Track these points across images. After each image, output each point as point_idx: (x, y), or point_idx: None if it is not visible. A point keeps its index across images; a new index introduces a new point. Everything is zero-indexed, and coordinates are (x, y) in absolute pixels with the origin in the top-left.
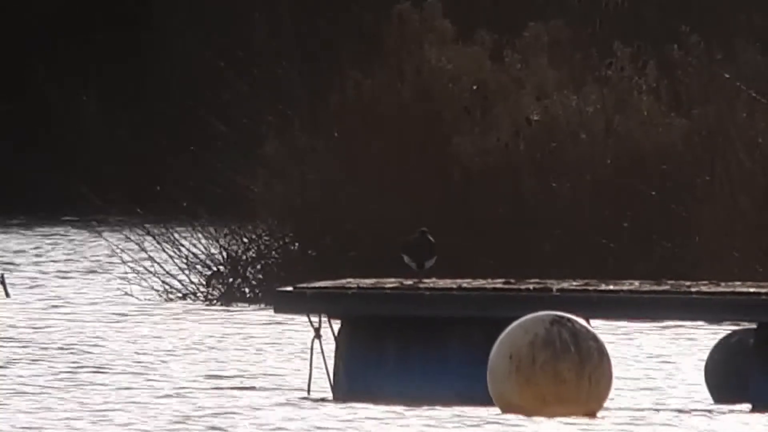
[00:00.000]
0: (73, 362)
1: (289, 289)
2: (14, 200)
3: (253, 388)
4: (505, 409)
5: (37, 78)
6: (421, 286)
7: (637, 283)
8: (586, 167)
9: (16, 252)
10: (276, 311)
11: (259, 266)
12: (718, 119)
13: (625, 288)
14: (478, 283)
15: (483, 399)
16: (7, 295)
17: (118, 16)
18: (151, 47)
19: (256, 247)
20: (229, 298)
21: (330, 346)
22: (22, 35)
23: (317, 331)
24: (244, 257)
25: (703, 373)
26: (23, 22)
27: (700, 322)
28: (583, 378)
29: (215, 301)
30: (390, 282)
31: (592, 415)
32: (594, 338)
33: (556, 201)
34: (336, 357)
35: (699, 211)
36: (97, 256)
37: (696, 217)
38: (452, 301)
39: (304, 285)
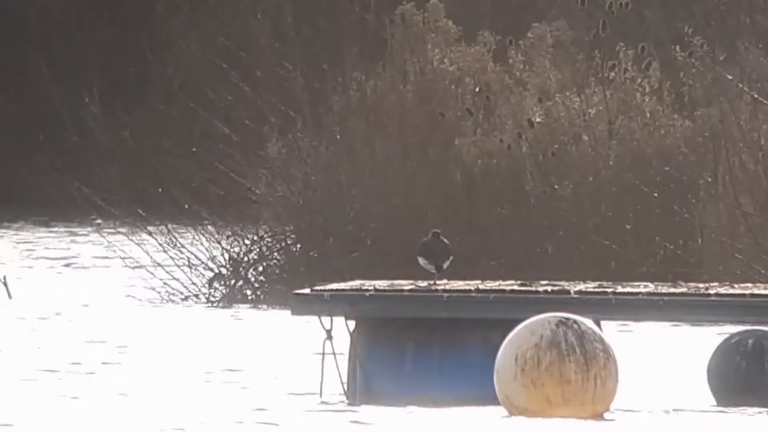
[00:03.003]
0: (75, 364)
1: (307, 291)
2: (16, 201)
3: (262, 392)
4: (512, 411)
5: (39, 79)
6: (439, 288)
7: (652, 285)
8: (588, 169)
9: (17, 253)
10: (293, 313)
11: (260, 268)
12: (721, 121)
13: (643, 290)
14: (495, 284)
15: None
16: (9, 296)
17: (121, 17)
18: (154, 48)
19: (257, 249)
20: (230, 300)
21: (341, 347)
22: (25, 35)
23: (328, 333)
24: (245, 259)
25: (705, 375)
26: (25, 21)
27: (707, 323)
28: (589, 379)
29: (217, 303)
30: (404, 284)
31: (598, 416)
32: (600, 340)
33: (558, 203)
34: (351, 359)
35: (701, 212)
36: (99, 257)
37: (698, 219)
38: (471, 302)
39: (321, 287)
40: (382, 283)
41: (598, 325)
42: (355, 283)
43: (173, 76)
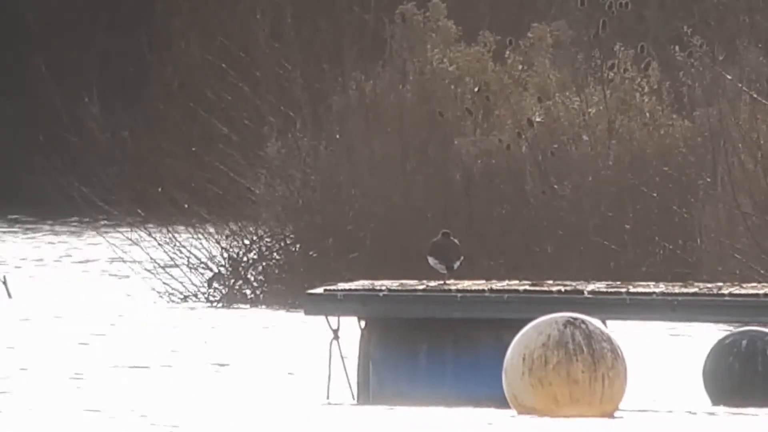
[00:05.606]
0: (73, 364)
1: (320, 291)
2: (16, 201)
3: (265, 393)
4: (520, 410)
5: (39, 79)
6: (453, 288)
7: (662, 285)
8: (587, 169)
9: (17, 253)
10: (306, 313)
11: (260, 268)
12: (721, 121)
13: (657, 290)
14: (505, 284)
15: None
16: (9, 296)
17: (121, 17)
18: (154, 48)
19: (257, 249)
20: (230, 299)
21: (346, 347)
22: (25, 35)
23: (335, 333)
24: (245, 259)
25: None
26: (25, 21)
27: (720, 323)
28: (597, 379)
29: (216, 303)
30: (414, 284)
31: (606, 416)
32: (608, 339)
33: (558, 203)
34: (362, 359)
35: (701, 212)
36: (99, 257)
37: (698, 219)
38: (485, 303)
39: (334, 287)
40: (393, 283)
41: (604, 325)
42: (366, 283)
43: (173, 76)
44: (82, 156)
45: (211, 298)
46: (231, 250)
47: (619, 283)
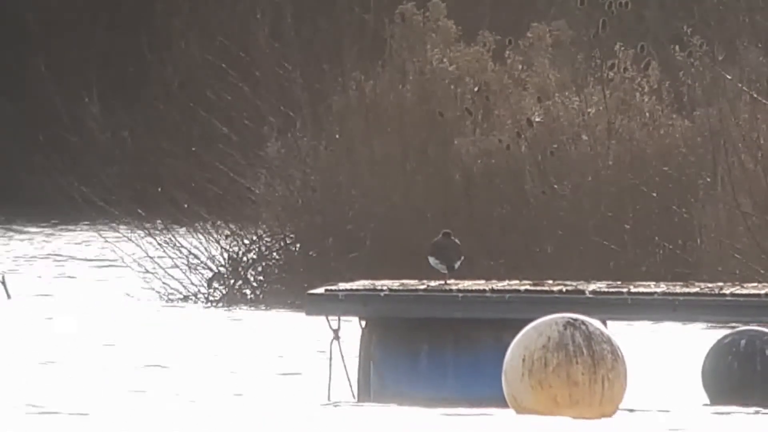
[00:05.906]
0: (73, 364)
1: (321, 291)
2: (15, 201)
3: (265, 394)
4: (519, 411)
5: (39, 79)
6: (453, 288)
7: (663, 285)
8: (587, 169)
9: (16, 253)
10: (308, 313)
11: (260, 268)
12: (720, 121)
13: (658, 290)
14: (505, 284)
15: None
16: (8, 296)
17: (120, 17)
18: (154, 48)
19: (257, 249)
20: (230, 299)
21: (347, 347)
22: (25, 35)
23: (336, 333)
24: (245, 259)
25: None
26: (25, 21)
27: (722, 324)
28: (596, 381)
29: (216, 303)
30: (415, 284)
31: (607, 417)
32: (608, 341)
33: (558, 203)
34: (363, 359)
35: (701, 212)
36: (98, 257)
37: (698, 219)
38: (486, 303)
39: (335, 287)
40: (393, 283)
41: (605, 325)
42: (367, 283)
43: (173, 76)
44: (82, 156)
45: (211, 298)
46: (231, 250)
47: (620, 283)
